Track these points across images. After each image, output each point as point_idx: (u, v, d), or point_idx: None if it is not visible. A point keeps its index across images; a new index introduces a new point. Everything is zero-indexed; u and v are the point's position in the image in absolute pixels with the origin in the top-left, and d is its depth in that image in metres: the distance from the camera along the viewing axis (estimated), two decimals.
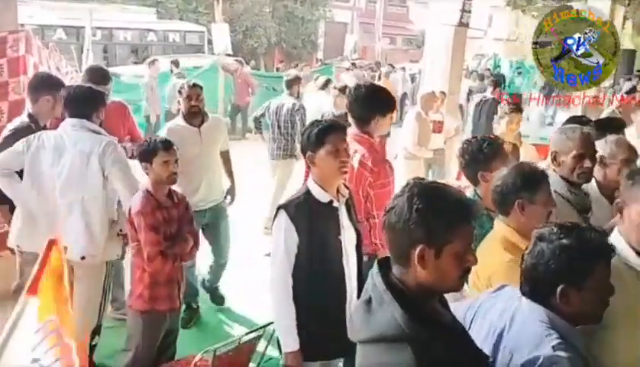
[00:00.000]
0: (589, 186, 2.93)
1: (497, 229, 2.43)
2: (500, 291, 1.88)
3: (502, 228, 2.39)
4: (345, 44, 26.13)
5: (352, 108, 3.41)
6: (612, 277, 1.75)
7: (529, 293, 1.74)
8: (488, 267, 2.19)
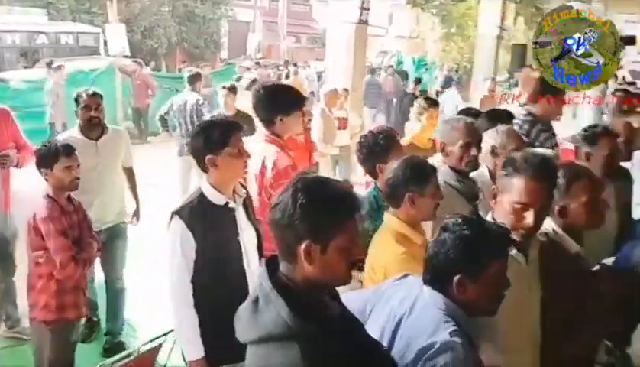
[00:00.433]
0: (480, 173, 3.03)
1: (388, 222, 2.46)
2: (403, 279, 1.91)
3: (393, 221, 2.42)
4: (248, 43, 25.98)
5: (256, 110, 3.35)
6: None
7: (430, 281, 1.77)
8: (382, 260, 2.23)
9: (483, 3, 12.84)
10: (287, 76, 15.53)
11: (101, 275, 4.19)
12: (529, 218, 2.02)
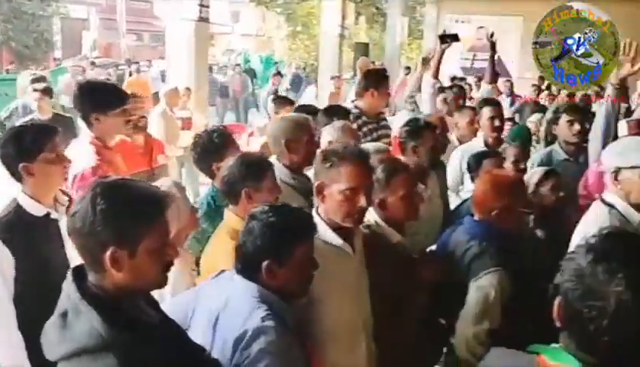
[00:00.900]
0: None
1: (226, 219, 2.45)
2: (220, 275, 1.91)
3: (231, 218, 2.41)
4: (83, 42, 24.44)
5: (75, 108, 3.15)
6: (316, 255, 1.89)
7: (241, 270, 1.81)
8: (215, 257, 2.21)
9: (324, 2, 13.19)
10: (130, 74, 14.83)
11: None
12: (362, 200, 2.08)
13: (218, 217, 2.62)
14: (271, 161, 2.53)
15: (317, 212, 2.18)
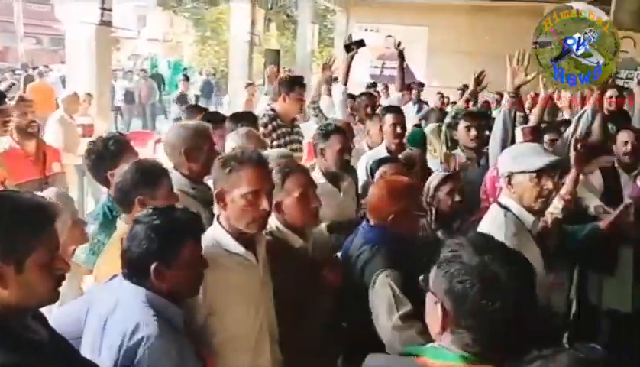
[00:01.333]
0: None
1: (119, 229, 2.37)
2: (110, 281, 1.88)
3: (122, 227, 2.31)
4: None
5: None
6: (217, 264, 1.94)
7: (128, 275, 1.78)
8: (108, 267, 2.11)
9: (233, 8, 13.04)
10: (32, 79, 14.02)
11: None
12: (264, 203, 2.06)
13: (114, 228, 2.51)
14: (166, 168, 2.45)
15: (218, 220, 2.13)
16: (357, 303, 2.36)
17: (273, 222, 2.34)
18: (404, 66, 5.45)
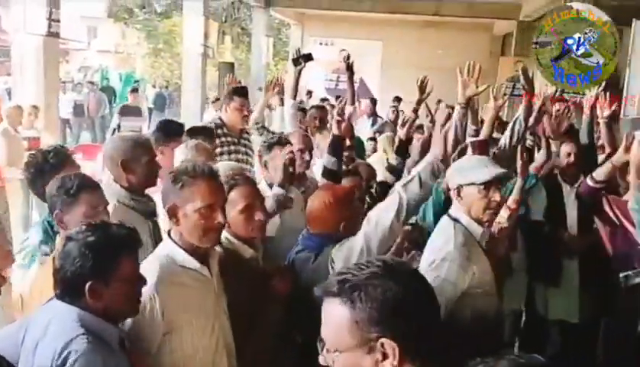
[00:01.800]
0: None
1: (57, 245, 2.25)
2: (48, 303, 1.80)
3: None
4: None
5: None
6: (173, 281, 1.91)
7: (61, 295, 1.72)
8: (42, 288, 2.02)
9: (186, 20, 12.90)
10: None
11: None
12: (219, 217, 2.05)
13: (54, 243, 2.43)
14: (90, 184, 2.37)
15: (170, 236, 2.09)
16: (307, 313, 2.34)
17: (223, 233, 2.30)
18: (354, 79, 5.45)
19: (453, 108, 3.46)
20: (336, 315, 1.20)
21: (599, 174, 3.41)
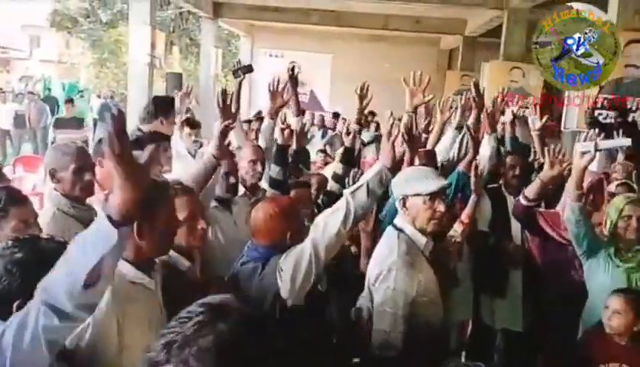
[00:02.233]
0: None
1: None
2: None
3: None
4: None
5: None
6: (125, 297, 1.81)
7: None
8: None
9: (132, 30, 12.63)
10: None
11: None
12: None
13: None
14: (19, 198, 2.27)
15: None
16: None
17: None
18: (297, 91, 5.40)
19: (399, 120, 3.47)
20: None
21: (530, 192, 3.41)
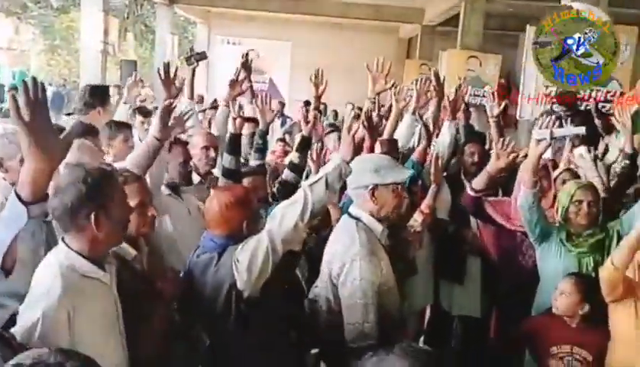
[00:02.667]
0: None
1: None
2: None
3: None
4: None
5: None
6: (78, 292, 1.79)
7: None
8: None
9: (84, 16, 12.24)
10: None
11: None
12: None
13: None
14: None
15: (65, 242, 1.91)
16: (209, 313, 2.35)
17: None
18: (251, 79, 5.30)
19: (353, 106, 3.46)
20: None
21: (478, 183, 3.42)
